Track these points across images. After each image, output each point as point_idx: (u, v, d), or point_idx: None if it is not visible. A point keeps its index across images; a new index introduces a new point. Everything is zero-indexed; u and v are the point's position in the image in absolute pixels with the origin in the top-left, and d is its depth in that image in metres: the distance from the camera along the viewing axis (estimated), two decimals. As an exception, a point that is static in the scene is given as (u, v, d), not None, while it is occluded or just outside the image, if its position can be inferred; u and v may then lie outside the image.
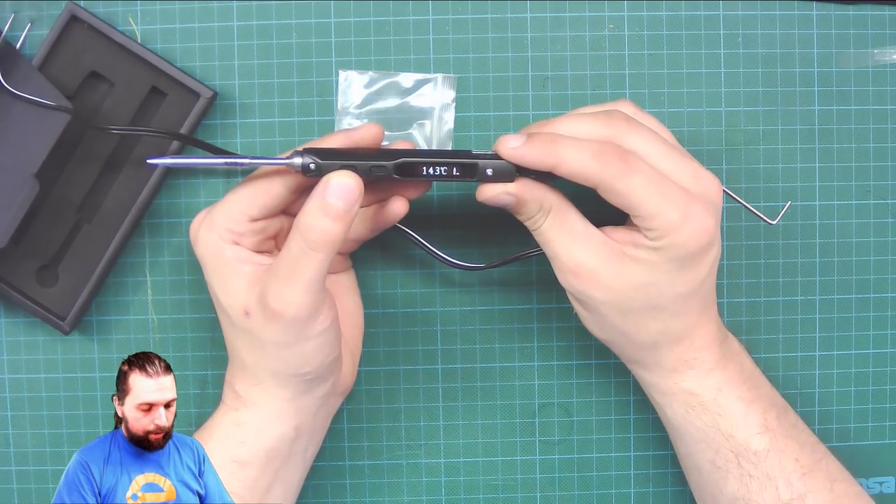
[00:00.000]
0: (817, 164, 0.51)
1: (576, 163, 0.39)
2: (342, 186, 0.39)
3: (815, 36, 0.50)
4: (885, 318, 0.51)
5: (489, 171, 0.41)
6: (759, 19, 0.50)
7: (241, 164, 0.41)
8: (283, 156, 0.41)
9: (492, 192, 0.42)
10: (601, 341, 0.45)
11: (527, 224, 0.43)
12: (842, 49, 0.50)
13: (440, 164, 0.41)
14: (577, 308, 0.44)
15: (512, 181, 0.41)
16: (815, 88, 0.51)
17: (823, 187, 0.51)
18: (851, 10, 0.50)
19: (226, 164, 0.41)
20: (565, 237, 0.42)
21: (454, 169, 0.41)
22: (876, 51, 0.50)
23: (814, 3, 0.50)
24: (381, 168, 0.41)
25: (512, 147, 0.40)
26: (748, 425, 0.43)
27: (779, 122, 0.51)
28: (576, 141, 0.40)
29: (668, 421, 0.45)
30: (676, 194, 0.39)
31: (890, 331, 0.52)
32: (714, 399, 0.43)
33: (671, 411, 0.44)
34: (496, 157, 0.41)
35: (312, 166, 0.40)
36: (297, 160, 0.40)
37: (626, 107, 0.43)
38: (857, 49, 0.50)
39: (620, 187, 0.39)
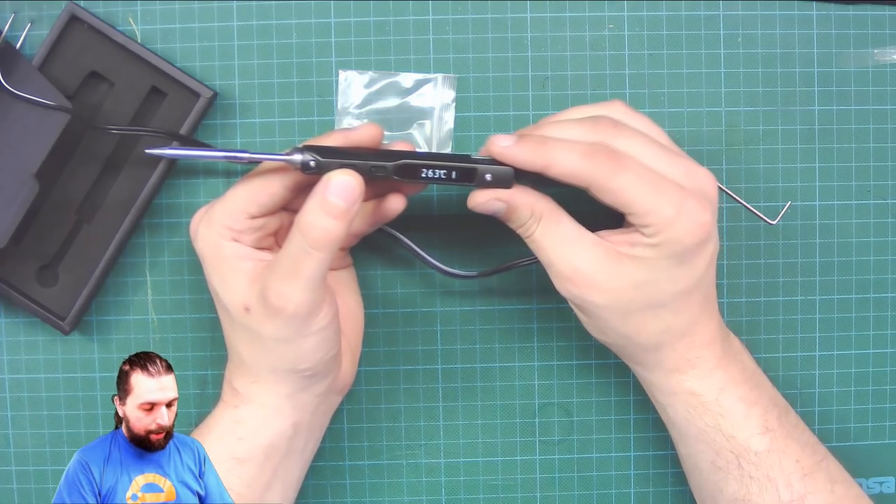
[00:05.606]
0: (817, 164, 0.51)
1: (567, 162, 0.39)
2: (343, 185, 0.39)
3: (815, 36, 0.50)
4: (885, 318, 0.51)
5: (488, 177, 0.41)
6: (759, 19, 0.50)
7: (241, 159, 0.41)
8: (284, 152, 0.41)
9: (483, 199, 0.42)
10: (602, 344, 0.45)
11: (519, 231, 0.42)
12: (842, 49, 0.50)
13: (440, 168, 0.41)
14: (577, 313, 0.44)
15: (509, 188, 0.41)
16: (815, 88, 0.51)
17: (823, 187, 0.51)
18: (851, 10, 0.50)
19: (225, 157, 0.41)
20: (558, 243, 0.41)
21: (453, 173, 0.41)
22: (876, 51, 0.51)
23: (814, 3, 0.50)
24: (381, 169, 0.41)
25: (503, 146, 0.40)
26: (749, 426, 0.43)
27: (779, 122, 0.51)
28: (566, 141, 0.40)
29: (670, 421, 0.45)
30: (669, 189, 0.39)
31: (890, 331, 0.52)
32: (716, 399, 0.43)
33: (673, 411, 0.44)
34: (495, 163, 0.41)
35: (312, 164, 0.40)
36: (297, 157, 0.40)
37: (618, 107, 0.43)
38: (857, 49, 0.50)
39: (612, 185, 0.39)
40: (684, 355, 0.43)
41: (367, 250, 0.50)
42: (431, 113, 0.50)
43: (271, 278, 0.40)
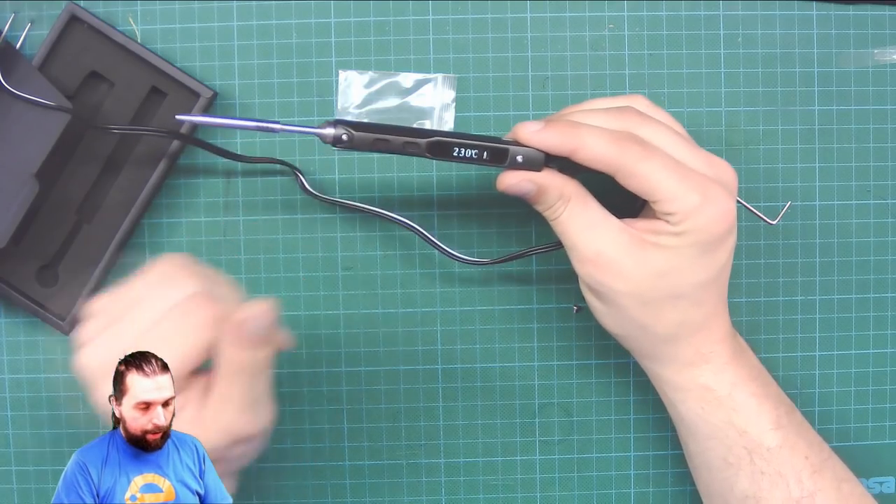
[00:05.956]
0: (817, 164, 0.51)
1: (595, 147, 0.40)
2: (255, 317, 0.38)
3: (815, 36, 0.50)
4: (885, 318, 0.51)
5: (519, 158, 0.42)
6: (759, 19, 0.50)
7: (273, 129, 0.41)
8: (316, 126, 0.41)
9: (514, 180, 0.42)
10: (615, 337, 0.45)
11: (546, 213, 0.43)
12: (842, 49, 0.50)
13: (472, 147, 0.42)
14: (593, 302, 0.44)
15: (539, 170, 0.42)
16: (815, 88, 0.50)
17: (823, 187, 0.51)
18: (851, 10, 0.50)
19: (257, 127, 0.41)
20: (585, 226, 0.42)
21: (485, 153, 0.42)
22: (876, 51, 0.50)
23: (814, 3, 0.50)
24: (415, 145, 0.41)
25: (532, 131, 0.41)
26: (761, 421, 0.43)
27: (779, 122, 0.51)
28: (595, 127, 0.41)
29: (681, 418, 0.45)
30: (695, 178, 0.40)
31: (890, 331, 0.51)
32: (729, 394, 0.43)
33: (685, 407, 0.44)
34: (524, 146, 0.42)
35: (345, 137, 0.40)
36: (330, 131, 0.41)
37: (640, 101, 0.43)
38: (857, 49, 0.50)
39: (639, 171, 0.40)
40: (700, 349, 0.43)
41: (368, 250, 0.50)
42: (431, 113, 0.50)
43: (221, 419, 0.39)
